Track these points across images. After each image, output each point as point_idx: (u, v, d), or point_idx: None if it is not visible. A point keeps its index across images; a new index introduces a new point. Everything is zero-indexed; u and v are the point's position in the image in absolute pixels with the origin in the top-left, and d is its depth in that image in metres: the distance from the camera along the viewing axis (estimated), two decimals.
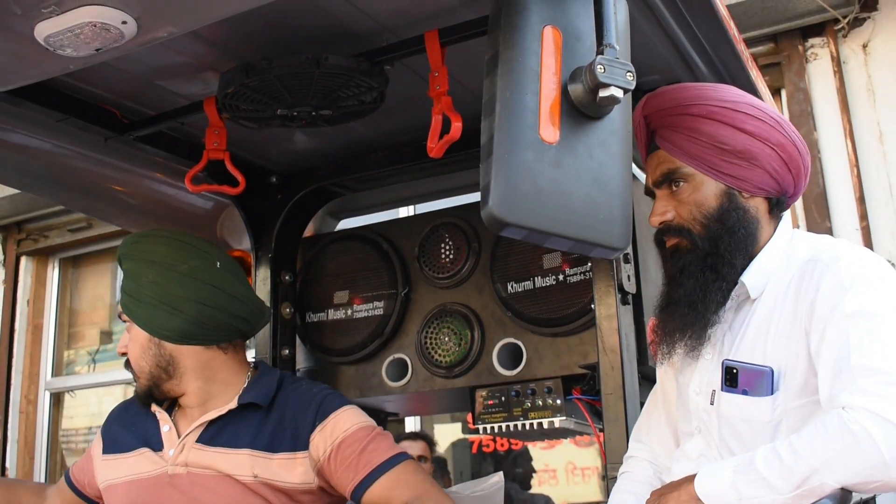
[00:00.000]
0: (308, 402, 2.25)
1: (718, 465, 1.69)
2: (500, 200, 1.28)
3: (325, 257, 3.01)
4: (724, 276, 1.85)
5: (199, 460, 2.20)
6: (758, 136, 1.86)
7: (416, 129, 2.68)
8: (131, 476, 2.26)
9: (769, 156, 1.87)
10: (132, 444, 2.30)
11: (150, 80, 2.37)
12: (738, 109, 1.87)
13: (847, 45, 4.58)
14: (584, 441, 7.18)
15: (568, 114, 1.37)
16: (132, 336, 2.29)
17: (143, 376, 2.27)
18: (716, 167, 1.87)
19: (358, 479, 2.15)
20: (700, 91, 1.93)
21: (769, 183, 1.89)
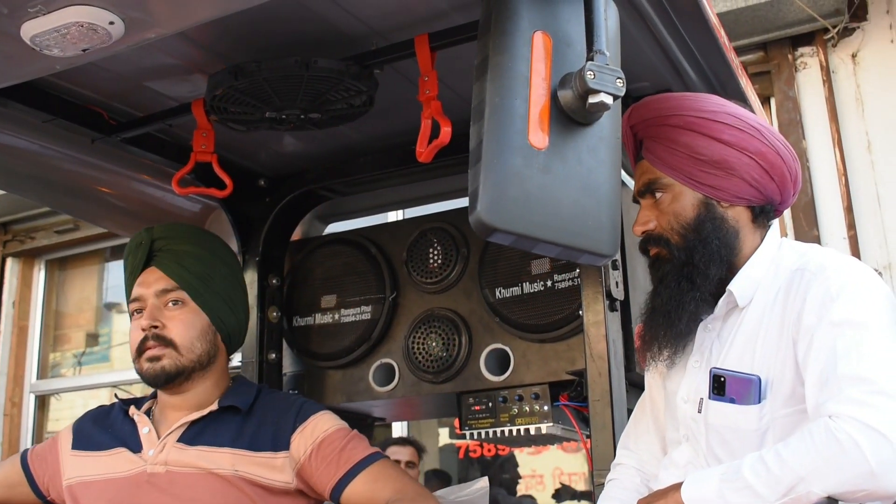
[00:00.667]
0: (288, 405, 2.32)
1: (705, 473, 1.68)
2: (489, 206, 1.27)
3: (312, 261, 2.99)
4: (698, 286, 1.87)
5: (179, 459, 2.20)
6: (734, 146, 1.86)
7: (405, 133, 2.67)
8: (107, 475, 2.24)
9: (747, 165, 1.87)
10: (107, 443, 2.29)
11: (138, 82, 2.36)
12: (716, 119, 1.87)
13: (836, 55, 4.60)
14: (571, 447, 7.19)
15: (557, 119, 1.37)
16: (188, 316, 2.29)
17: (189, 356, 2.26)
18: (693, 177, 1.88)
19: (338, 477, 2.20)
20: (680, 101, 1.93)
21: (748, 192, 1.89)
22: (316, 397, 2.88)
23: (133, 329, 2.30)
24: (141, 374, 2.27)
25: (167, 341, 2.25)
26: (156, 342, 2.24)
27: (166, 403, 2.32)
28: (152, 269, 2.32)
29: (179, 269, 2.31)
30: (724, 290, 1.91)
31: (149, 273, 2.32)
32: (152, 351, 2.24)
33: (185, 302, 2.29)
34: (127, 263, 2.37)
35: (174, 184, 2.43)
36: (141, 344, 2.25)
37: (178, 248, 2.34)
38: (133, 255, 2.35)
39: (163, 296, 2.28)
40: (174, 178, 2.43)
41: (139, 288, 2.31)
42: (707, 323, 1.93)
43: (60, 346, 7.61)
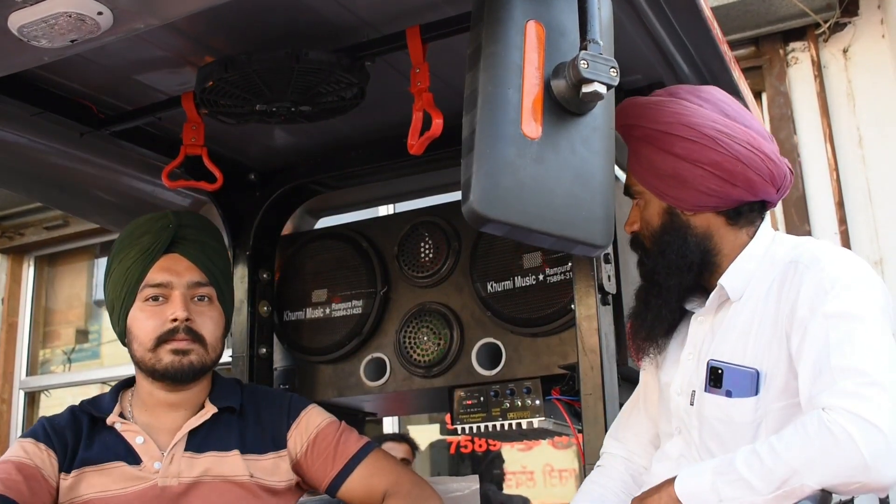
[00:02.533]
0: (278, 402, 2.30)
1: (698, 467, 1.68)
2: (482, 196, 1.26)
3: (303, 255, 2.98)
4: (661, 295, 1.92)
5: (191, 470, 2.11)
6: (687, 159, 1.85)
7: (396, 127, 2.64)
8: (114, 492, 2.06)
9: (701, 176, 1.85)
10: (99, 456, 2.10)
11: (127, 75, 2.34)
12: (669, 132, 1.86)
13: (828, 50, 4.60)
14: (561, 443, 7.18)
15: (550, 110, 1.36)
16: (215, 314, 2.22)
17: (213, 355, 2.19)
18: (655, 188, 1.92)
19: (335, 471, 2.21)
20: (643, 110, 1.92)
21: (708, 201, 1.89)
22: (307, 392, 2.87)
23: (151, 316, 2.15)
24: (156, 364, 2.12)
25: (197, 336, 2.15)
26: (186, 335, 2.14)
27: (160, 402, 2.19)
28: (177, 256, 2.20)
29: (209, 263, 2.24)
30: (711, 285, 1.91)
31: (174, 260, 2.19)
32: (181, 343, 2.13)
33: (212, 299, 2.23)
34: (137, 242, 2.21)
35: (164, 177, 2.40)
36: (166, 334, 2.13)
37: (203, 239, 2.27)
38: (154, 236, 2.20)
39: (193, 288, 2.19)
40: (164, 172, 2.41)
41: (165, 273, 2.17)
42: (698, 315, 1.93)
43: (50, 343, 7.57)
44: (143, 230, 2.24)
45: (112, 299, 2.23)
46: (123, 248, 2.23)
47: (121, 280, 2.19)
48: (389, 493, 2.20)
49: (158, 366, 2.13)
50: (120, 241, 2.27)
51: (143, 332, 2.15)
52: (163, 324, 2.14)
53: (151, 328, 2.15)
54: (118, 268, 2.21)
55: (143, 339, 2.15)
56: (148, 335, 2.15)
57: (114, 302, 2.22)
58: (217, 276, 2.26)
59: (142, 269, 2.18)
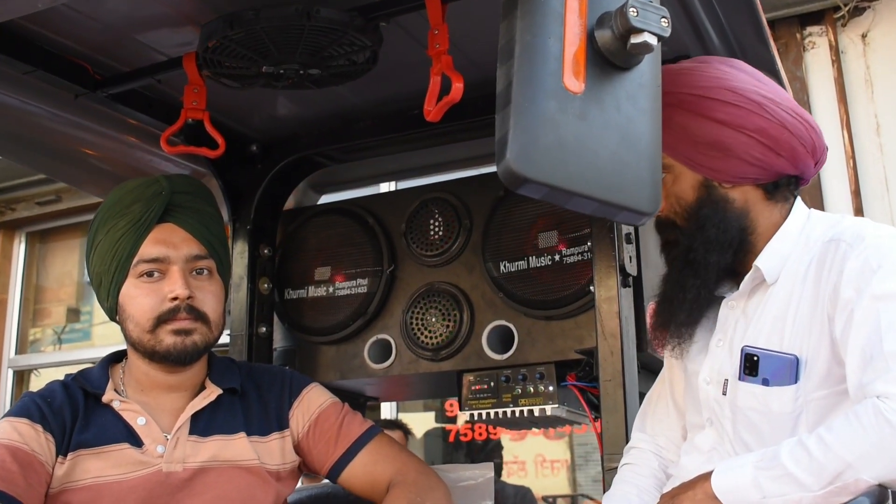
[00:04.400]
0: (278, 380, 2.18)
1: (736, 461, 1.56)
2: (520, 153, 1.13)
3: (306, 231, 2.85)
4: (700, 275, 1.76)
5: (197, 455, 1.97)
6: (730, 125, 1.72)
7: (408, 98, 2.54)
8: (115, 477, 1.91)
9: (746, 144, 1.73)
10: (97, 438, 1.94)
11: (126, 34, 2.20)
12: (710, 96, 1.73)
13: (846, 35, 4.48)
14: (553, 433, 7.10)
15: (594, 62, 1.23)
16: (216, 288, 2.07)
17: (215, 333, 2.04)
18: (690, 158, 1.76)
19: (337, 455, 2.11)
20: (675, 76, 1.78)
21: (751, 171, 1.76)
22: (308, 374, 2.74)
23: (148, 293, 1.98)
24: (157, 346, 1.97)
25: (200, 314, 2.00)
26: (188, 314, 1.98)
27: (158, 383, 2.04)
28: (172, 226, 2.04)
29: (207, 233, 2.07)
30: (743, 267, 1.79)
31: (169, 231, 2.03)
32: (183, 323, 1.97)
33: (211, 272, 2.07)
34: (128, 212, 2.02)
35: (163, 142, 2.26)
36: (167, 313, 1.97)
37: (200, 207, 2.10)
38: (145, 204, 2.02)
39: (192, 262, 2.03)
40: (163, 137, 2.27)
41: (160, 247, 2.01)
42: (730, 300, 1.81)
43: (40, 321, 7.44)
44: (132, 197, 2.05)
45: (99, 274, 2.05)
46: (111, 217, 2.05)
47: (109, 253, 2.02)
48: (394, 482, 2.07)
49: (159, 347, 1.98)
50: (106, 209, 2.08)
51: (140, 312, 1.99)
52: (161, 302, 1.98)
53: (149, 307, 1.98)
54: (105, 240, 2.03)
55: (139, 319, 1.99)
56: (145, 315, 1.98)
57: (101, 277, 2.04)
58: (216, 246, 2.11)
59: (133, 241, 2.01)
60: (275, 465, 2.06)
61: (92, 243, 2.09)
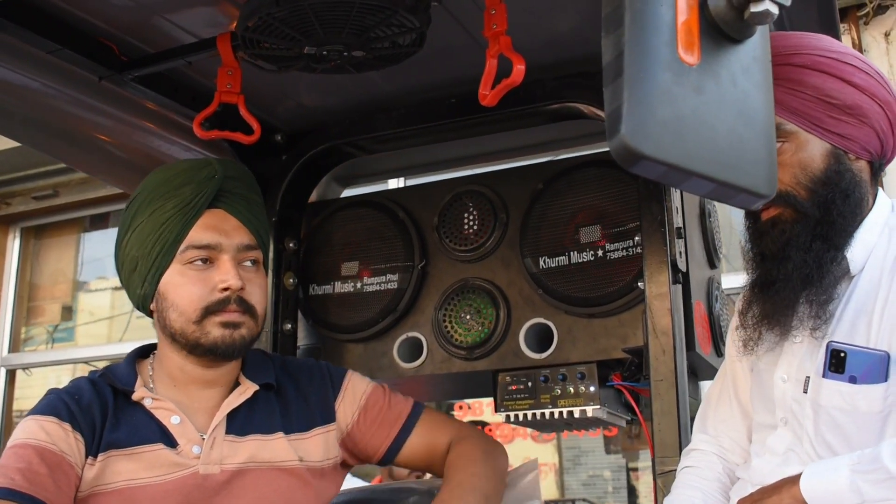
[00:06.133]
0: (316, 372, 2.13)
1: (829, 464, 1.47)
2: (635, 128, 1.03)
3: (332, 225, 2.74)
4: (837, 245, 1.64)
5: (235, 456, 1.88)
6: (866, 91, 1.65)
7: (443, 86, 2.44)
8: (149, 480, 1.80)
9: (878, 113, 1.66)
10: (129, 438, 1.84)
11: (157, 13, 2.10)
12: (846, 61, 1.66)
13: (869, 33, 4.41)
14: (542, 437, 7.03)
15: (707, 33, 1.14)
16: (263, 280, 1.99)
17: (259, 327, 1.96)
18: (822, 124, 1.64)
19: (394, 435, 2.10)
20: (800, 39, 1.70)
21: (875, 144, 1.68)
22: None
23: (196, 282, 1.88)
24: (202, 338, 1.87)
25: (248, 307, 1.91)
26: (238, 306, 1.88)
27: (194, 378, 1.93)
28: (222, 213, 1.94)
29: (256, 222, 1.99)
30: None
31: (220, 217, 1.94)
32: (232, 315, 1.87)
33: (258, 263, 1.99)
34: (176, 193, 1.92)
35: (196, 126, 2.16)
36: (216, 304, 1.87)
37: (250, 195, 2.01)
38: (196, 187, 1.92)
39: (243, 252, 1.94)
40: (196, 120, 2.16)
41: (212, 233, 1.91)
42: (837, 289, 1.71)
43: (34, 319, 7.29)
44: (182, 179, 1.95)
45: (135, 258, 1.93)
46: (156, 198, 1.93)
47: (152, 236, 1.90)
48: (455, 441, 2.10)
49: (205, 340, 1.87)
50: (150, 189, 1.97)
51: (187, 301, 1.88)
52: (210, 292, 1.88)
53: (197, 296, 1.88)
54: (148, 221, 1.92)
55: (185, 308, 1.88)
56: (193, 304, 1.88)
57: (137, 261, 1.92)
58: (264, 237, 2.04)
59: (182, 225, 1.90)
60: (317, 462, 1.98)
61: (129, 226, 1.96)
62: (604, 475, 7.66)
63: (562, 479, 7.60)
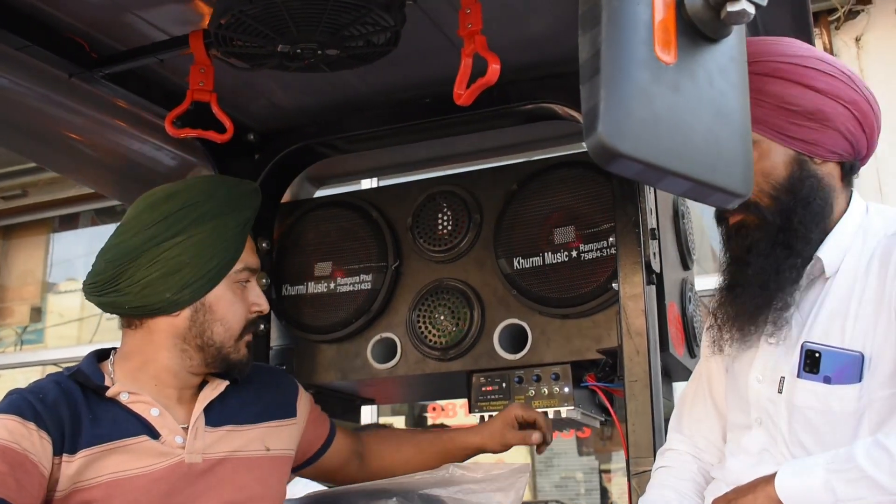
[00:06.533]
0: (274, 373, 2.22)
1: (803, 464, 1.47)
2: (613, 126, 1.03)
3: (305, 225, 2.73)
4: (798, 252, 1.65)
5: (215, 445, 1.91)
6: (829, 94, 1.65)
7: (418, 86, 2.43)
8: (137, 470, 1.80)
9: (843, 115, 1.65)
10: (112, 432, 1.82)
11: (128, 10, 2.07)
12: (807, 65, 1.66)
13: (840, 38, 4.45)
14: None
15: (683, 32, 1.13)
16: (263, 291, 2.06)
17: None
18: (784, 131, 1.66)
19: (326, 432, 2.23)
20: (760, 45, 1.70)
21: (843, 146, 1.68)
22: (306, 374, 2.64)
23: (240, 301, 1.96)
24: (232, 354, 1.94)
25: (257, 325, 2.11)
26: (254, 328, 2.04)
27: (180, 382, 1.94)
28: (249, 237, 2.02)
29: None
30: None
31: (250, 241, 2.02)
32: (252, 338, 2.01)
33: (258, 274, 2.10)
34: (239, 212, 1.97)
35: (168, 124, 2.14)
36: (250, 325, 1.99)
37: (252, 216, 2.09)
38: (252, 211, 2.02)
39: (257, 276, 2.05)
40: (167, 118, 2.14)
41: (255, 257, 2.01)
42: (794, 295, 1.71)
43: (2, 321, 7.20)
44: (244, 201, 2.00)
45: (182, 263, 1.88)
46: (220, 213, 1.93)
47: (213, 248, 1.90)
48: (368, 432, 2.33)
49: (235, 356, 1.95)
50: (210, 199, 1.94)
51: (234, 318, 1.94)
52: (247, 312, 1.98)
53: (241, 315, 1.96)
54: (212, 233, 1.90)
55: (232, 323, 1.94)
56: (239, 322, 1.95)
57: (183, 267, 1.88)
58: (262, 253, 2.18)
59: (238, 244, 1.96)
60: (282, 451, 2.05)
61: (182, 229, 1.90)
62: (576, 477, 7.67)
63: (535, 480, 7.60)
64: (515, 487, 2.05)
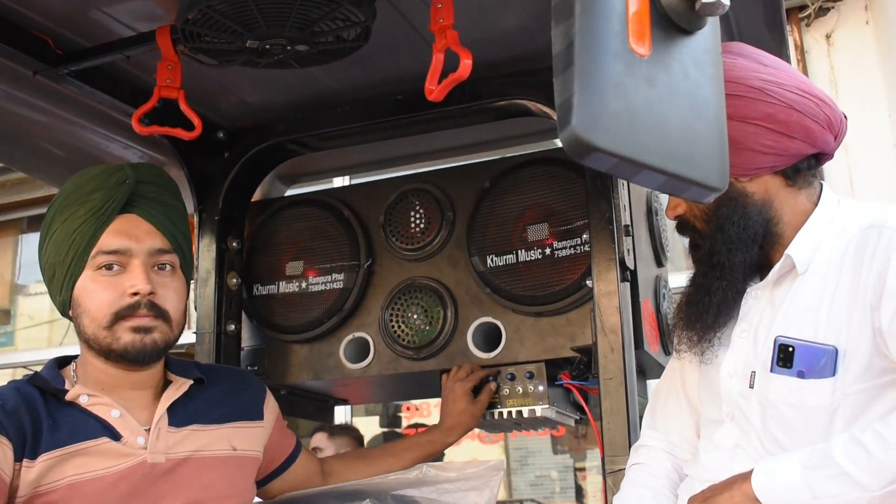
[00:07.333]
0: (241, 375, 2.20)
1: (780, 461, 1.46)
2: (586, 119, 1.01)
3: (276, 223, 2.70)
4: (724, 276, 1.68)
5: (178, 445, 1.88)
6: (734, 117, 1.58)
7: (389, 82, 2.41)
8: (99, 472, 1.78)
9: (754, 134, 1.63)
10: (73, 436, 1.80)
11: (93, 5, 2.04)
12: None
13: (810, 35, 4.47)
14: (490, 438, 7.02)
15: (658, 24, 1.12)
16: (179, 284, 1.95)
17: (177, 331, 1.92)
18: None
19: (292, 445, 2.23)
20: None
21: (765, 161, 1.66)
22: (278, 374, 2.61)
23: (106, 287, 1.85)
24: (113, 344, 1.84)
25: (161, 311, 1.87)
26: (148, 311, 1.85)
27: (119, 381, 1.89)
28: (135, 218, 1.90)
29: (172, 226, 1.94)
30: (770, 259, 1.70)
31: (132, 222, 1.90)
32: (143, 320, 1.85)
33: (174, 268, 1.94)
34: (87, 199, 1.89)
35: (134, 121, 2.10)
36: (126, 309, 1.84)
37: (165, 199, 1.97)
38: (107, 193, 1.88)
39: (155, 256, 1.90)
40: (134, 116, 2.10)
41: (122, 238, 1.87)
42: (755, 289, 1.71)
43: None
44: (94, 185, 1.91)
45: (52, 264, 1.90)
46: (69, 204, 1.91)
47: (65, 243, 1.88)
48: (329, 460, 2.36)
49: (116, 345, 1.84)
50: (64, 196, 1.94)
51: (97, 307, 1.85)
52: (120, 297, 1.85)
53: (107, 302, 1.85)
54: (62, 228, 1.89)
55: (96, 314, 1.85)
56: (102, 310, 1.85)
57: (55, 268, 1.90)
58: (180, 240, 1.98)
59: (93, 231, 1.87)
60: (249, 452, 2.03)
61: (47, 233, 1.94)
62: (551, 475, 7.67)
63: (509, 479, 7.60)
64: (490, 486, 2.03)
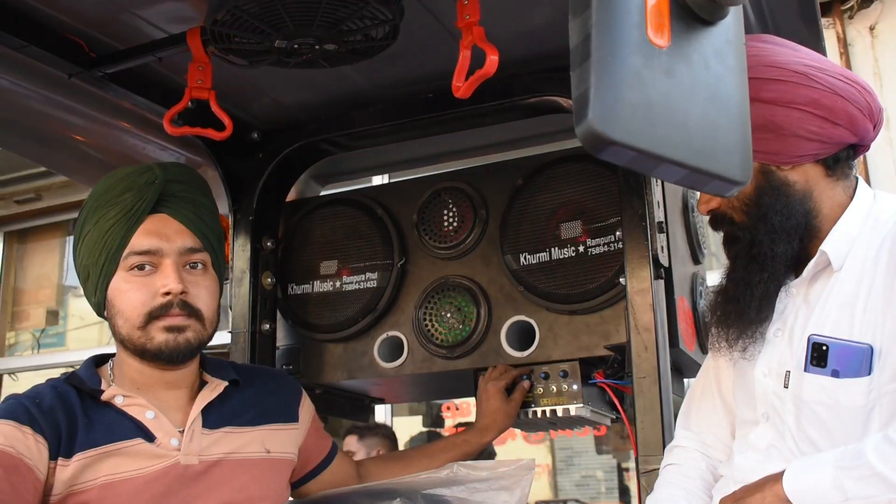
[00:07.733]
0: (277, 376, 2.21)
1: (812, 461, 1.43)
2: (604, 112, 0.99)
3: (311, 223, 2.70)
4: (766, 268, 1.64)
5: (212, 447, 1.89)
6: (780, 102, 1.59)
7: (421, 80, 2.40)
8: (132, 472, 1.79)
9: (799, 119, 1.60)
10: (108, 436, 1.81)
11: (125, 8, 2.05)
12: (752, 75, 1.60)
13: (853, 27, 4.38)
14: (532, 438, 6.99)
15: (677, 15, 1.10)
16: (211, 283, 1.96)
17: (210, 330, 1.93)
18: None
19: (328, 447, 2.23)
20: None
21: (810, 147, 1.63)
22: (313, 374, 2.61)
23: (139, 288, 1.86)
24: (147, 344, 1.85)
25: (193, 310, 1.88)
26: (181, 310, 1.86)
27: (154, 381, 1.92)
28: (165, 217, 1.91)
29: (202, 225, 1.95)
30: (807, 253, 1.66)
31: (162, 222, 1.91)
32: (176, 319, 1.85)
33: (206, 266, 1.95)
34: (118, 201, 1.90)
35: (166, 122, 2.11)
36: (159, 309, 1.85)
37: (195, 197, 1.97)
38: (137, 194, 1.90)
39: (187, 255, 1.91)
40: (166, 117, 2.12)
41: (153, 238, 1.88)
42: (790, 287, 1.68)
43: (18, 324, 7.22)
44: (123, 186, 1.93)
45: (86, 266, 1.92)
46: (100, 206, 1.92)
47: (98, 245, 1.89)
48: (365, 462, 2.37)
49: (150, 345, 1.86)
50: (95, 198, 1.96)
51: (130, 307, 1.87)
52: (153, 297, 1.86)
53: (140, 302, 1.86)
54: (94, 230, 1.90)
55: (129, 314, 1.87)
56: (136, 310, 1.86)
57: (89, 269, 1.91)
58: (211, 239, 1.98)
59: (124, 232, 1.88)
60: (283, 454, 2.03)
61: (80, 235, 1.96)
62: (596, 475, 7.63)
63: (555, 479, 7.56)
64: (521, 485, 2.01)
